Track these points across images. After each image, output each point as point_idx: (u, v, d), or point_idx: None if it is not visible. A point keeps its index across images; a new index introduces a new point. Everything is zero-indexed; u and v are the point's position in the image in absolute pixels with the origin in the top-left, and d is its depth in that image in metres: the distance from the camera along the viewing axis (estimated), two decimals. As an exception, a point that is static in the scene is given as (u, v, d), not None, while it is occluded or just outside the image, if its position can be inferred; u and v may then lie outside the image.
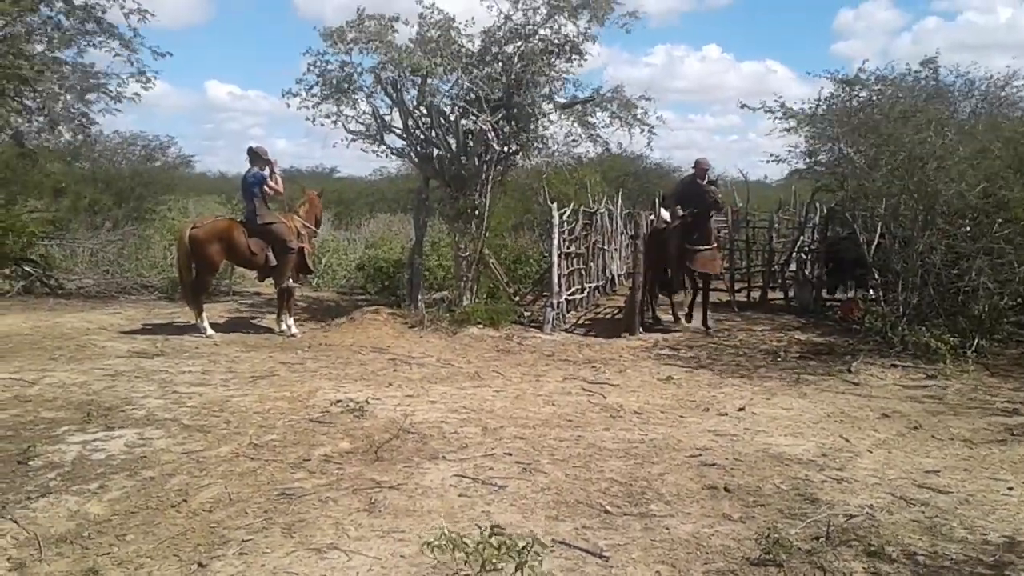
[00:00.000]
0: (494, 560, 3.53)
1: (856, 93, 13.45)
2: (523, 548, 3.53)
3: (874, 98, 13.35)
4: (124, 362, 8.70)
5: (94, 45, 12.29)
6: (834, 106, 13.44)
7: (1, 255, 13.76)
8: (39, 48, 11.75)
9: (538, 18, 11.68)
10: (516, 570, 3.49)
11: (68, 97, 12.23)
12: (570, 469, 5.48)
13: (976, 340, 9.36)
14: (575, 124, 12.58)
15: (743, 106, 13.96)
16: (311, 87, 11.75)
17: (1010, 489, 5.23)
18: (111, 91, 12.42)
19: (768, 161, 13.58)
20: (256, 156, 10.84)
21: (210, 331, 10.50)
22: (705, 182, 11.65)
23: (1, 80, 10.95)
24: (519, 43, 11.73)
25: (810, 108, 13.36)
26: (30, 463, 5.34)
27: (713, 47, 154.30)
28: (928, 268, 10.01)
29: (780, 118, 13.07)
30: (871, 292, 12.11)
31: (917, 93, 13.48)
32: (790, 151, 14.39)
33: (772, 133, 14.07)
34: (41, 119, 12.23)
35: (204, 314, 10.66)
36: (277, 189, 10.92)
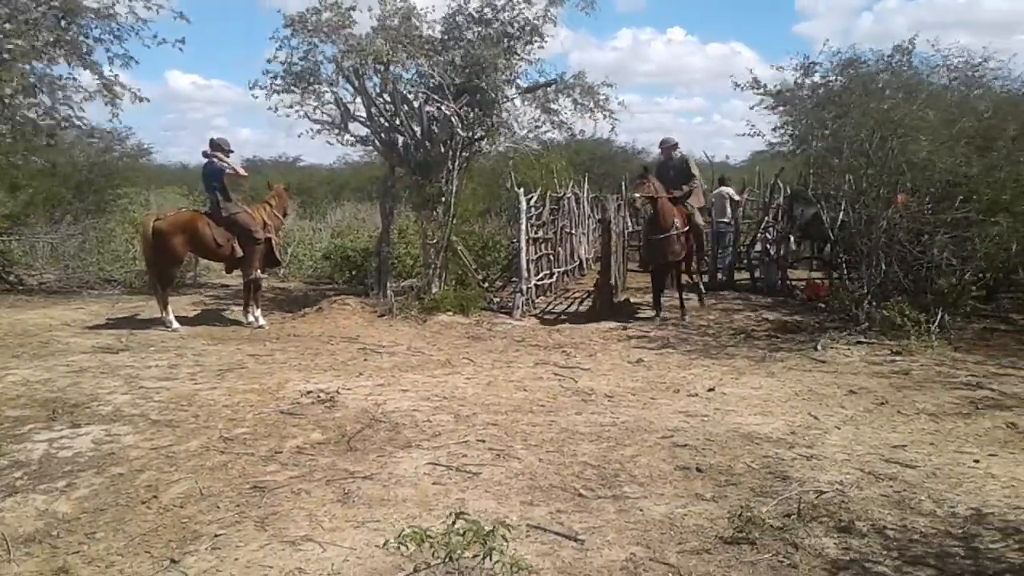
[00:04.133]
0: (460, 548, 3.53)
1: (821, 73, 13.55)
2: (488, 533, 3.53)
3: (843, 74, 13.43)
4: (89, 358, 8.57)
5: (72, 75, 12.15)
6: (801, 88, 13.53)
7: (-42, 252, 13.50)
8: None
9: (498, 2, 11.62)
10: (484, 556, 3.49)
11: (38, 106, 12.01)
12: (543, 454, 5.49)
13: (940, 315, 9.48)
14: (538, 110, 12.58)
15: (736, 86, 13.88)
16: (275, 76, 11.61)
17: (976, 462, 5.34)
18: (80, 115, 12.27)
19: (744, 135, 13.70)
20: (217, 148, 10.70)
21: (176, 324, 10.37)
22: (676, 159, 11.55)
23: None
24: (479, 28, 11.67)
25: (780, 85, 13.47)
26: (-5, 463, 5.25)
27: (678, 30, 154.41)
28: (891, 245, 10.13)
29: (752, 89, 13.12)
30: (834, 271, 12.24)
31: (886, 69, 13.56)
32: (766, 123, 14.48)
33: (757, 107, 14.11)
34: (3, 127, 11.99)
35: (169, 307, 10.51)
36: (239, 172, 10.88)
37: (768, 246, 14.99)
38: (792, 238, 14.40)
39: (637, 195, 11.02)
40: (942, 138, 10.10)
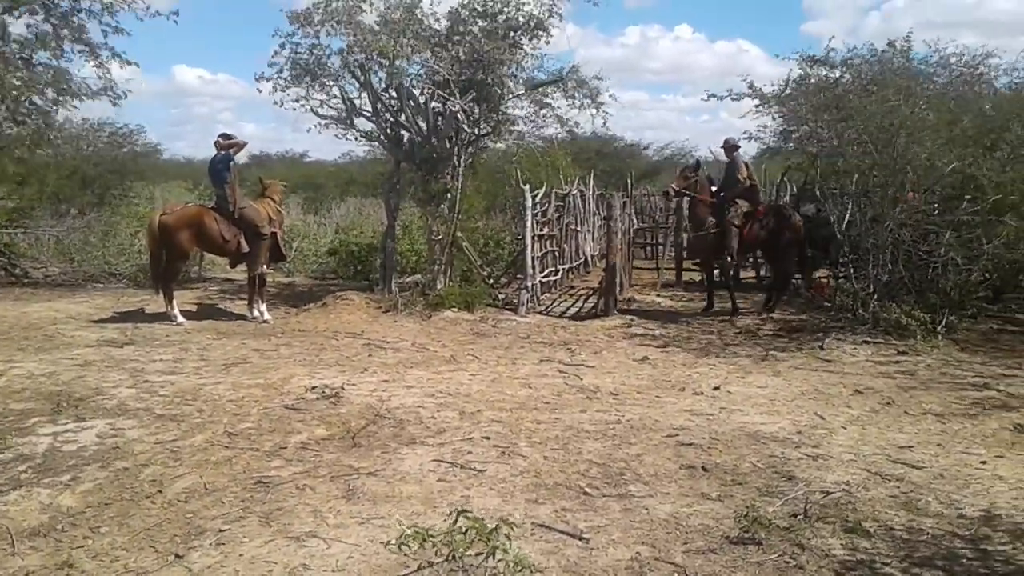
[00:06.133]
0: (462, 547, 3.52)
1: (824, 73, 13.54)
2: (491, 531, 3.51)
3: (843, 77, 13.43)
4: (93, 351, 8.57)
5: (63, 53, 12.28)
6: (802, 86, 13.52)
7: (-36, 245, 13.52)
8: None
9: None
10: (487, 555, 3.48)
11: (35, 98, 12.14)
12: (548, 452, 5.48)
13: (946, 316, 9.45)
14: (533, 105, 12.59)
15: (710, 96, 14.03)
16: (281, 70, 11.62)
17: (983, 463, 5.31)
18: (77, 93, 12.39)
19: (740, 139, 13.62)
20: (225, 139, 10.75)
21: (181, 319, 10.37)
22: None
23: None
24: (484, 22, 11.64)
25: (778, 89, 13.47)
26: (0, 456, 5.25)
27: (685, 27, 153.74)
28: (898, 244, 10.08)
29: (750, 97, 13.14)
30: (840, 269, 12.21)
31: (885, 71, 13.55)
32: (760, 130, 14.48)
33: (746, 116, 14.11)
34: (3, 112, 12.06)
35: (175, 301, 10.52)
36: (240, 143, 11.18)
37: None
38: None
39: (672, 187, 11.69)
40: (944, 138, 10.05)
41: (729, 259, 11.72)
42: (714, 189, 11.62)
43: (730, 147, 11.85)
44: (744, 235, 11.33)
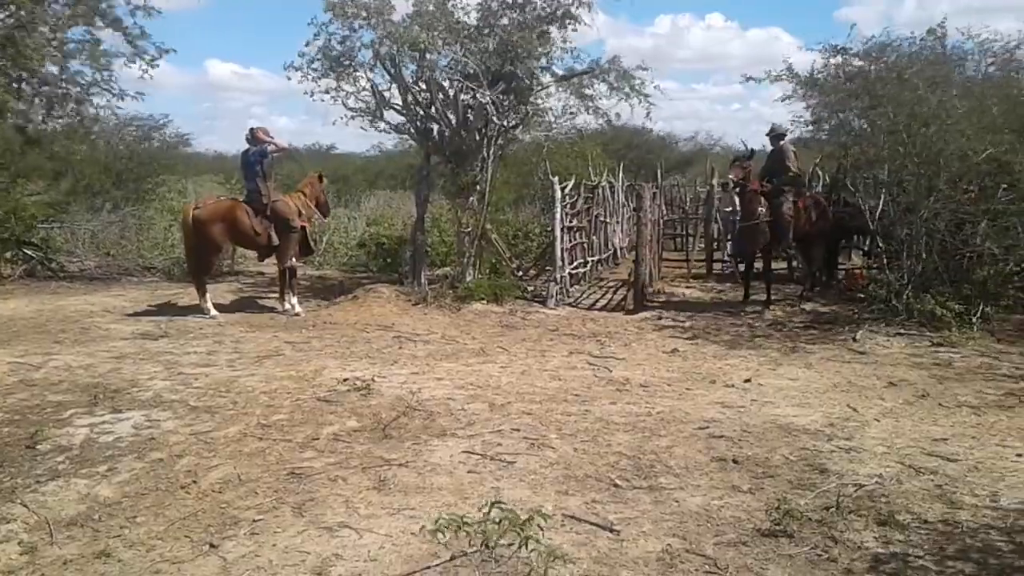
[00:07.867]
0: (496, 536, 3.53)
1: (849, 60, 13.31)
2: (525, 522, 3.52)
3: (872, 66, 13.21)
4: (129, 344, 8.70)
5: (95, 40, 12.54)
6: (831, 75, 13.32)
7: (2, 239, 13.74)
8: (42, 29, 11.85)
9: None
10: (520, 545, 3.49)
11: (70, 88, 12.40)
12: (578, 444, 5.48)
13: (981, 307, 9.32)
14: (572, 96, 12.51)
15: (748, 79, 13.76)
16: (312, 61, 11.68)
17: (1019, 455, 5.24)
18: (112, 87, 12.70)
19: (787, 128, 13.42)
20: (256, 137, 10.81)
21: (214, 312, 10.48)
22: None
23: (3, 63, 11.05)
24: (514, 14, 11.61)
25: (808, 75, 13.28)
26: (38, 447, 5.34)
27: (717, 15, 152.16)
28: (932, 234, 9.95)
29: (786, 79, 12.92)
30: (873, 260, 12.07)
31: (916, 57, 13.30)
32: (794, 120, 14.28)
33: (779, 101, 13.90)
34: (38, 101, 12.31)
35: (208, 295, 10.64)
36: (283, 146, 11.45)
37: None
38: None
39: (731, 176, 11.23)
40: (976, 126, 9.87)
41: (788, 250, 11.57)
42: None
43: (777, 135, 11.70)
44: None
